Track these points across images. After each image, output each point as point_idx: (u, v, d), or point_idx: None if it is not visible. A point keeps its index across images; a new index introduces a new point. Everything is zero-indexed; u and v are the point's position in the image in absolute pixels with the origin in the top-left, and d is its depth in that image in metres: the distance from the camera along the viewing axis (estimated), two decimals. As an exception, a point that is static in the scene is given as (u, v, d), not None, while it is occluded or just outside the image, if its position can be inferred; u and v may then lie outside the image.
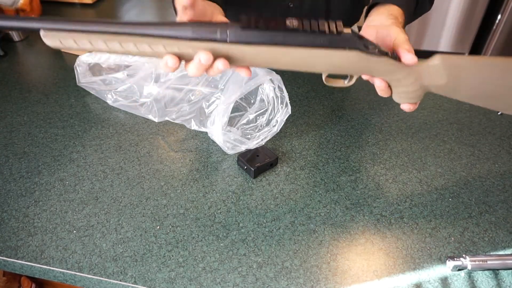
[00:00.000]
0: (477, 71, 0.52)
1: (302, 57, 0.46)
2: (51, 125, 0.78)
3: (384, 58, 0.49)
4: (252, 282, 0.52)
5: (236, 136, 0.69)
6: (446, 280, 0.53)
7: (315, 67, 0.48)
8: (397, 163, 0.70)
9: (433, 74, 0.51)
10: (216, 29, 0.44)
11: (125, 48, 0.43)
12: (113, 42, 0.43)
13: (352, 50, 0.46)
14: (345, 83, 0.54)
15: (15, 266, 0.56)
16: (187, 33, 0.43)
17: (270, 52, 0.45)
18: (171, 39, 0.43)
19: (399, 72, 0.50)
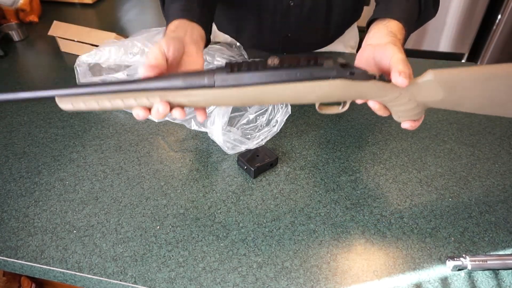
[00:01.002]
0: (473, 82, 0.50)
1: (288, 92, 0.48)
2: (51, 125, 0.78)
3: (370, 82, 0.49)
4: (252, 282, 0.52)
5: (236, 136, 0.69)
6: (446, 280, 0.53)
7: (304, 99, 0.49)
8: (397, 163, 0.70)
9: (428, 91, 0.50)
10: (203, 76, 0.47)
11: (126, 104, 0.48)
12: (116, 100, 0.47)
13: (336, 79, 0.47)
14: (339, 109, 0.54)
15: (15, 266, 0.56)
16: (178, 83, 0.47)
17: (256, 92, 0.47)
18: (165, 91, 0.47)
19: (390, 93, 0.50)
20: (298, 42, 0.96)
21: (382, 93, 0.50)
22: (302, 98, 0.49)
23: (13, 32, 1.10)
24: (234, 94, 0.47)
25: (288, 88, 0.47)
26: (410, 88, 0.50)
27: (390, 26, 0.58)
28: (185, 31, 0.58)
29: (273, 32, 0.91)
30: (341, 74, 0.47)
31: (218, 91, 0.47)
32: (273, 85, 0.47)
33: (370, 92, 0.50)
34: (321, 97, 0.49)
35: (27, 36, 1.14)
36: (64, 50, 1.05)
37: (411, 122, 0.54)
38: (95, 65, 0.87)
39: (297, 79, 0.47)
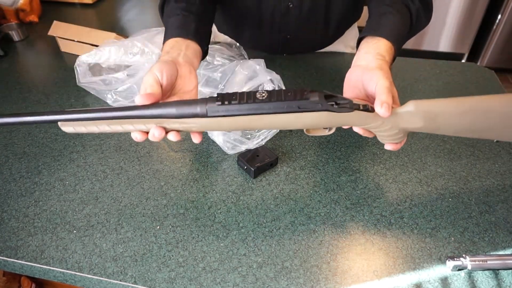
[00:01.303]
0: (452, 114, 0.52)
1: (276, 121, 0.51)
2: (51, 125, 0.78)
3: (354, 113, 0.52)
4: (252, 282, 0.52)
5: (236, 136, 0.69)
6: (446, 280, 0.53)
7: (291, 126, 0.53)
8: (397, 163, 0.70)
9: (409, 120, 0.53)
10: (196, 106, 0.50)
11: (124, 128, 0.52)
12: (115, 125, 0.51)
13: (322, 112, 0.50)
14: (326, 132, 0.57)
15: (15, 266, 0.56)
16: (172, 112, 0.50)
17: (245, 120, 0.51)
18: (160, 118, 0.51)
19: (373, 121, 0.53)
20: (298, 43, 0.96)
21: (366, 121, 0.53)
22: (290, 126, 0.52)
23: (13, 32, 1.10)
24: (225, 123, 0.51)
25: (276, 118, 0.51)
26: (392, 117, 0.53)
27: (379, 47, 0.60)
28: (179, 51, 0.60)
29: (273, 33, 0.91)
30: (326, 107, 0.50)
31: (210, 120, 0.51)
32: (262, 115, 0.50)
33: (354, 121, 0.53)
34: (308, 125, 0.53)
35: (27, 36, 1.14)
36: (64, 50, 1.05)
37: (393, 145, 0.57)
38: (95, 65, 0.87)
39: (285, 111, 0.50)
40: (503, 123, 0.52)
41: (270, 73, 0.70)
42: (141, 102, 0.50)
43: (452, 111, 0.52)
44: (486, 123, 0.53)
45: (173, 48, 0.61)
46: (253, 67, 0.70)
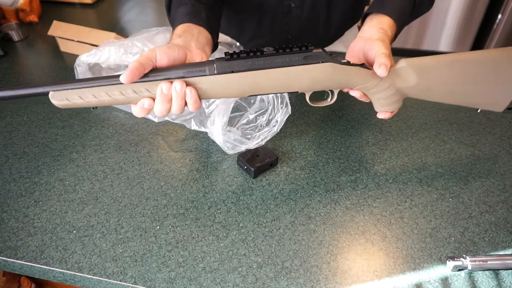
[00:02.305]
0: (445, 69, 0.57)
1: (282, 77, 0.52)
2: (51, 125, 0.78)
3: (356, 67, 0.54)
4: (252, 282, 0.52)
5: (236, 136, 0.69)
6: (446, 280, 0.53)
7: (295, 85, 0.53)
8: (397, 163, 0.70)
9: (403, 77, 0.57)
10: (204, 66, 0.50)
11: (126, 96, 0.49)
12: (114, 92, 0.48)
13: (326, 63, 0.52)
14: (328, 101, 0.60)
15: (15, 266, 0.55)
16: (179, 74, 0.49)
17: (253, 77, 0.51)
18: (167, 81, 0.49)
19: (371, 79, 0.56)
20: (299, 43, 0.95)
21: (365, 79, 0.56)
22: (295, 83, 0.53)
23: (13, 32, 1.10)
24: (233, 80, 0.50)
25: (283, 72, 0.51)
26: (389, 76, 0.56)
27: (382, 22, 0.62)
28: (192, 36, 0.58)
29: (274, 33, 0.91)
30: (330, 59, 0.53)
31: (218, 77, 0.50)
32: (270, 69, 0.51)
33: (354, 79, 0.55)
34: (312, 82, 0.53)
35: (27, 36, 1.14)
36: (64, 50, 1.04)
37: (386, 113, 0.61)
38: (95, 65, 0.87)
39: (291, 64, 0.51)
40: (489, 75, 0.57)
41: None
42: (124, 80, 0.48)
43: (441, 63, 0.57)
44: (473, 77, 0.57)
45: (185, 32, 0.58)
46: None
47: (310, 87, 0.55)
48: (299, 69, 0.52)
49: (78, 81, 0.49)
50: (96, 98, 0.49)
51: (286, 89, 0.54)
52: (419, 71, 0.57)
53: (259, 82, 0.51)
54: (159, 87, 0.49)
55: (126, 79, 0.48)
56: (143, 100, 0.50)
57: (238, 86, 0.51)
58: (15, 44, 1.10)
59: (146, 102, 0.50)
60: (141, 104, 0.50)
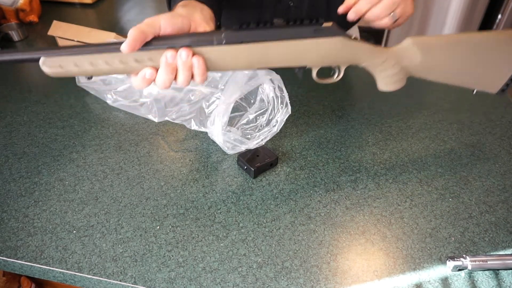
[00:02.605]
0: (449, 48, 0.58)
1: (291, 50, 0.50)
2: (51, 125, 0.78)
3: (365, 43, 0.54)
4: (252, 282, 0.52)
5: (236, 136, 0.69)
6: (446, 280, 0.53)
7: (304, 59, 0.52)
8: (397, 163, 0.70)
9: (408, 54, 0.57)
10: (212, 35, 0.48)
11: (125, 65, 0.46)
12: (114, 60, 0.45)
13: (336, 37, 0.52)
14: (334, 78, 0.59)
15: (15, 266, 0.55)
16: (185, 42, 0.47)
17: (262, 49, 0.49)
18: (171, 49, 0.46)
19: (378, 56, 0.56)
20: None
21: (372, 56, 0.56)
22: (304, 57, 0.52)
23: (13, 32, 1.10)
24: (242, 52, 0.49)
25: (292, 45, 0.50)
26: (395, 52, 0.57)
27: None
28: (195, 8, 0.54)
29: None
30: (340, 33, 0.52)
31: (227, 48, 0.48)
32: (279, 41, 0.49)
33: (363, 55, 0.55)
34: (321, 57, 0.53)
35: (27, 36, 1.14)
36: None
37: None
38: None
39: (301, 37, 0.50)
40: (490, 56, 0.58)
41: (270, 73, 0.69)
42: (125, 48, 0.45)
43: (447, 42, 0.58)
44: (476, 58, 0.58)
45: (188, 5, 0.55)
46: (252, 68, 0.70)
47: (319, 61, 0.54)
48: (309, 43, 0.51)
49: (74, 48, 0.45)
50: (93, 66, 0.46)
51: (294, 62, 0.53)
52: (424, 49, 0.57)
53: (268, 54, 0.50)
54: (163, 55, 0.46)
55: (127, 48, 0.45)
56: (145, 70, 0.47)
57: (246, 58, 0.50)
58: (15, 44, 1.10)
59: (148, 72, 0.46)
60: (142, 74, 0.47)
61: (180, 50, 0.47)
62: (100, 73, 0.47)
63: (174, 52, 0.46)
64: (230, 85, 0.70)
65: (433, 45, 0.58)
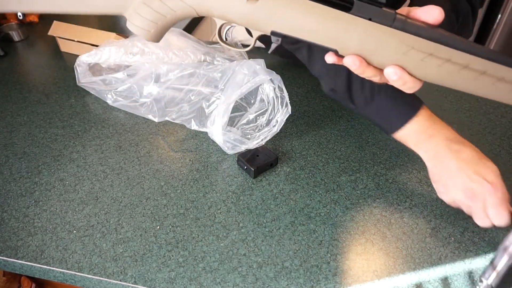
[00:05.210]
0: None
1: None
2: (51, 125, 0.78)
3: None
4: (252, 282, 0.52)
5: (236, 136, 0.69)
6: (446, 280, 0.53)
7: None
8: (397, 163, 0.70)
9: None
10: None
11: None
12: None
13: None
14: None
15: (15, 266, 0.56)
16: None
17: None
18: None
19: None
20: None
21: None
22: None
23: (13, 32, 1.10)
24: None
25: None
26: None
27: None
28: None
29: None
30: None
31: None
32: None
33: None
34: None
35: (27, 36, 1.14)
36: (64, 50, 1.04)
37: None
38: (95, 65, 0.87)
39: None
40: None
41: (270, 73, 0.70)
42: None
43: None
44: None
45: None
46: (253, 67, 0.70)
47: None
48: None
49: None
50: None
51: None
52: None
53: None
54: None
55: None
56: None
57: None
58: (16, 44, 1.10)
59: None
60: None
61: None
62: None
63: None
64: (230, 85, 0.70)
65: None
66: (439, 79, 0.42)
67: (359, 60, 0.41)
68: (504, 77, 0.39)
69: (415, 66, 0.41)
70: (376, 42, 0.40)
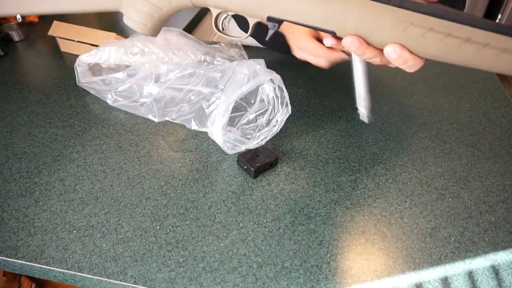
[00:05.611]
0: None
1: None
2: (51, 125, 0.78)
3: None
4: (252, 282, 0.52)
5: (236, 136, 0.69)
6: (446, 280, 0.53)
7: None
8: (397, 163, 0.70)
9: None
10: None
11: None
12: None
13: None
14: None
15: (15, 266, 0.56)
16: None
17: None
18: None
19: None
20: None
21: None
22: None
23: (13, 32, 1.10)
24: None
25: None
26: None
27: None
28: None
29: None
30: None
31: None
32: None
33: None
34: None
35: (27, 36, 1.14)
36: (64, 50, 1.05)
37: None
38: (95, 65, 0.87)
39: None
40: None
41: (271, 73, 0.70)
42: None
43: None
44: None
45: None
46: (253, 67, 0.70)
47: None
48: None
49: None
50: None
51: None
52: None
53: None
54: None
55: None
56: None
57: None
58: (16, 44, 1.10)
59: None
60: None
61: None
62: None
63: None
64: (230, 85, 0.70)
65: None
66: (441, 54, 0.41)
67: (359, 41, 0.40)
68: (508, 48, 0.38)
69: (415, 42, 0.40)
70: (374, 21, 0.39)
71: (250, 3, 0.40)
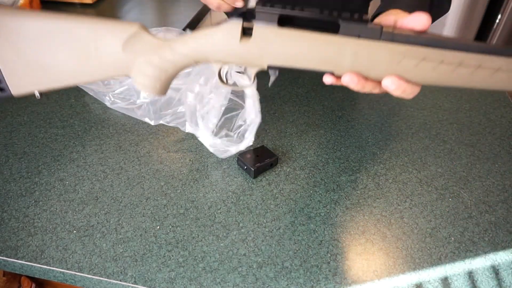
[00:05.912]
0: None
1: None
2: (51, 125, 0.78)
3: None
4: (252, 282, 0.52)
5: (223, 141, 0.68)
6: (446, 280, 0.53)
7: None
8: (397, 163, 0.70)
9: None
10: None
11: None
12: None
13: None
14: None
15: (15, 266, 0.56)
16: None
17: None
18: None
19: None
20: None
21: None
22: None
23: (13, 32, 1.10)
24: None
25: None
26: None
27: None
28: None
29: None
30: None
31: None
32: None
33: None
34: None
35: (27, 36, 1.13)
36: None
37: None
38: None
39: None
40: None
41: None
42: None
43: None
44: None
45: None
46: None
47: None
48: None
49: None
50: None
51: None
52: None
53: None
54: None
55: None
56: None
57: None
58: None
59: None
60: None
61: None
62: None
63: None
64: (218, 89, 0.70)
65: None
66: (436, 80, 0.42)
67: (357, 77, 0.42)
68: (501, 67, 0.39)
69: (410, 73, 0.41)
70: (369, 58, 0.40)
71: (250, 55, 0.42)
